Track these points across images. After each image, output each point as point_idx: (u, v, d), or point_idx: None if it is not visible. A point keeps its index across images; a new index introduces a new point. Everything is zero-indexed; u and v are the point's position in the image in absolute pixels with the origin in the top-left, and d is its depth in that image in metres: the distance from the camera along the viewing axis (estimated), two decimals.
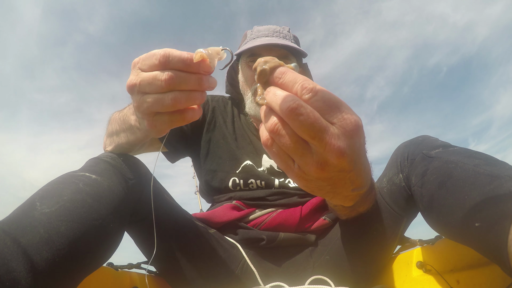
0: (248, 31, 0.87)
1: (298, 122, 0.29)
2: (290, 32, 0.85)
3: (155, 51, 0.38)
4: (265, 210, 0.74)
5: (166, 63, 0.37)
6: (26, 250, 0.35)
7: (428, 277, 0.61)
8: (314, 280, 0.66)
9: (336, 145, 0.29)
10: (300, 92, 0.30)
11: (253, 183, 0.77)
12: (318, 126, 0.29)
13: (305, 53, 0.81)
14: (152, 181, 0.61)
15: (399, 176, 0.62)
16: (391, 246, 0.68)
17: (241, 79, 0.85)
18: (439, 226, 0.52)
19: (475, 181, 0.44)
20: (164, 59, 0.37)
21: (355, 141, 0.30)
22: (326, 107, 0.29)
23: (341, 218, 0.67)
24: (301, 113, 0.28)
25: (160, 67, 0.37)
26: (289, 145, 0.30)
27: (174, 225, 0.67)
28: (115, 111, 0.63)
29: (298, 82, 0.30)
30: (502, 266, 0.39)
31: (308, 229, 0.73)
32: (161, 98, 0.38)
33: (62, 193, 0.44)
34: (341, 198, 0.40)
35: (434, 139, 0.61)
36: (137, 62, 0.40)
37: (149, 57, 0.38)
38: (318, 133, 0.29)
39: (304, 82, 0.30)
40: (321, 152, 0.30)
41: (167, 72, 0.37)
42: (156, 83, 0.37)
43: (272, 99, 0.31)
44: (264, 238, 0.69)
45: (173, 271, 0.68)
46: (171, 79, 0.37)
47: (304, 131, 0.29)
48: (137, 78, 0.39)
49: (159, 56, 0.37)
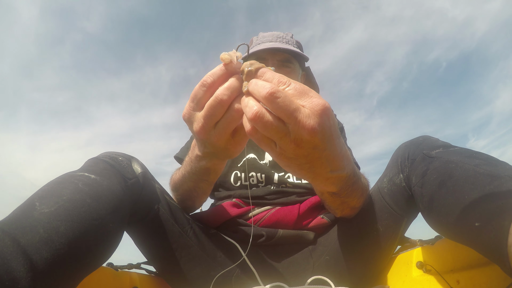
0: (254, 37, 0.94)
1: (275, 104, 0.35)
2: (293, 38, 0.90)
3: (196, 87, 0.43)
4: (263, 207, 0.75)
5: (212, 83, 0.42)
6: (25, 250, 0.35)
7: (428, 277, 0.61)
8: (314, 280, 0.66)
9: (307, 122, 0.36)
10: (276, 84, 0.37)
11: (254, 177, 0.78)
12: (292, 107, 0.35)
13: (306, 57, 0.84)
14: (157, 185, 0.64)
15: (399, 176, 0.62)
16: (391, 246, 0.68)
17: None
18: (439, 226, 0.52)
19: (475, 181, 0.44)
20: (207, 81, 0.42)
21: (324, 120, 0.37)
22: (298, 93, 0.37)
23: (336, 216, 0.68)
24: (278, 96, 0.35)
25: (210, 90, 0.42)
26: (269, 127, 0.36)
27: (174, 225, 0.67)
28: (175, 171, 0.74)
29: (275, 77, 0.38)
30: (502, 266, 0.39)
31: (306, 226, 0.73)
32: (230, 114, 0.42)
33: (62, 193, 0.44)
34: (322, 180, 0.45)
35: (434, 140, 0.62)
36: (188, 111, 0.45)
37: (196, 94, 0.43)
38: (293, 112, 0.35)
39: (280, 77, 0.38)
40: (296, 130, 0.36)
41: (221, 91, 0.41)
42: (221, 93, 0.41)
43: (254, 88, 0.38)
44: (264, 235, 0.70)
45: (173, 271, 0.68)
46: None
47: (281, 111, 0.35)
48: (202, 115, 0.43)
49: (202, 83, 0.42)
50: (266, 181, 0.78)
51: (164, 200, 0.68)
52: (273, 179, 0.78)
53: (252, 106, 0.37)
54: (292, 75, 0.85)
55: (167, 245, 0.66)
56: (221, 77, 0.42)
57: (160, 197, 0.67)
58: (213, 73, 0.42)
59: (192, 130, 0.47)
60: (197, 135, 0.47)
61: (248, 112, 0.37)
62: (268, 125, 0.36)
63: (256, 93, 0.37)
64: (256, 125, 0.37)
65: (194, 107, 0.44)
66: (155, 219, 0.65)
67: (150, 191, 0.66)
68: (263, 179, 0.78)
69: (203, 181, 0.64)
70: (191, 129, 0.47)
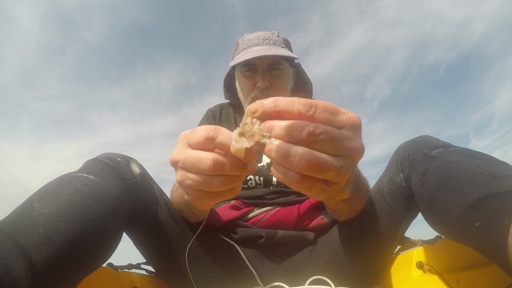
0: (240, 39, 0.91)
1: (320, 143, 0.28)
2: (280, 36, 0.88)
3: (206, 126, 0.34)
4: (263, 208, 0.74)
5: (212, 138, 0.33)
6: (25, 250, 0.35)
7: (428, 277, 0.61)
8: (314, 280, 0.66)
9: (356, 145, 0.30)
10: (303, 110, 0.28)
11: (252, 180, 0.78)
12: (338, 138, 0.29)
13: (295, 57, 0.83)
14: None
15: (399, 176, 0.62)
16: (391, 246, 0.68)
17: (238, 88, 0.89)
18: (439, 225, 0.52)
19: (476, 180, 0.44)
20: (213, 132, 0.33)
21: (361, 131, 0.31)
22: (331, 115, 0.29)
23: (340, 220, 0.67)
24: (319, 132, 0.28)
25: (206, 143, 0.34)
26: (325, 168, 0.29)
27: (173, 225, 0.67)
28: (172, 188, 0.69)
29: (294, 101, 0.29)
30: (502, 266, 0.39)
31: (306, 227, 0.73)
32: (208, 181, 0.35)
33: (61, 194, 0.44)
34: (339, 192, 0.40)
35: (434, 139, 0.62)
36: (184, 135, 0.37)
37: (198, 130, 0.35)
38: (340, 144, 0.29)
39: (300, 99, 0.29)
40: (349, 158, 0.30)
41: (213, 155, 0.33)
42: (200, 166, 0.34)
43: (279, 133, 0.28)
44: (263, 236, 0.69)
45: (172, 272, 0.68)
46: (216, 165, 0.33)
47: (329, 147, 0.29)
48: (181, 155, 0.36)
49: (208, 129, 0.33)
50: (265, 183, 0.78)
51: (162, 201, 0.68)
52: (272, 181, 0.78)
53: (302, 154, 0.28)
54: (283, 76, 0.84)
55: (166, 246, 0.66)
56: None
57: (158, 198, 0.67)
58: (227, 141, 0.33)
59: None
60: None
61: (299, 161, 0.28)
62: (324, 167, 0.28)
63: (287, 138, 0.28)
64: (311, 173, 0.29)
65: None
66: (154, 220, 0.65)
67: (149, 191, 0.66)
68: (261, 182, 0.78)
69: (195, 211, 0.63)
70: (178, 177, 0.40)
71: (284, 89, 0.84)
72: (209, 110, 0.98)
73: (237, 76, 0.89)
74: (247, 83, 0.83)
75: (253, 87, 0.83)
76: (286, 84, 0.85)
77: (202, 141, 0.34)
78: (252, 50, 0.82)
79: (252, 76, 0.83)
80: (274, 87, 0.82)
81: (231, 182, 0.35)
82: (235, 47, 0.94)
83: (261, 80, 0.81)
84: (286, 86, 0.85)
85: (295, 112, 0.29)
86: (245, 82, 0.84)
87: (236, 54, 0.89)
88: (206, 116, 0.96)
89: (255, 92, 0.82)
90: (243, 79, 0.85)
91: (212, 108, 0.99)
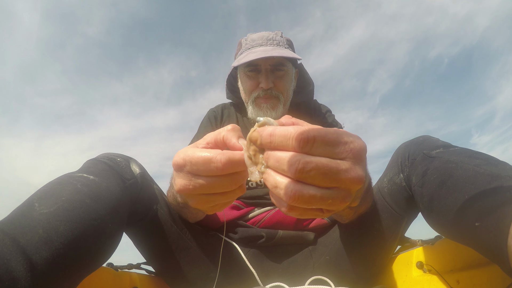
0: (243, 39, 0.91)
1: (311, 178, 0.27)
2: (283, 37, 0.88)
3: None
4: (263, 208, 0.74)
5: (230, 168, 0.33)
6: (25, 250, 0.35)
7: (428, 277, 0.61)
8: (314, 280, 0.66)
9: (354, 175, 0.28)
10: (298, 147, 0.28)
11: (252, 181, 0.77)
12: (333, 171, 0.27)
13: (298, 58, 0.83)
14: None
15: (399, 176, 0.62)
16: (391, 246, 0.68)
17: (241, 88, 0.90)
18: (439, 225, 0.52)
19: (476, 181, 0.44)
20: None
21: (364, 159, 0.30)
22: (331, 148, 0.28)
23: (343, 222, 0.67)
24: (310, 169, 0.27)
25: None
26: (313, 202, 0.28)
27: (173, 225, 0.67)
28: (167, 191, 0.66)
29: (289, 137, 0.28)
30: (502, 266, 0.39)
31: (306, 227, 0.73)
32: (217, 182, 0.34)
33: (61, 194, 0.44)
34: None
35: (435, 139, 0.62)
36: (183, 165, 0.35)
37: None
38: (336, 175, 0.28)
39: (297, 132, 0.28)
40: (344, 189, 0.29)
41: (223, 154, 0.33)
42: (210, 166, 0.33)
43: (273, 164, 0.29)
44: (264, 235, 0.69)
45: (172, 272, 0.68)
46: (229, 163, 0.33)
47: (322, 180, 0.28)
48: (185, 157, 0.35)
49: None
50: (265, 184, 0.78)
51: (162, 201, 0.68)
52: None
53: (287, 188, 0.28)
54: (286, 77, 0.84)
55: (166, 246, 0.66)
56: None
57: (158, 198, 0.67)
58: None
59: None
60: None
61: (284, 195, 0.28)
62: (311, 200, 0.28)
63: (281, 171, 0.29)
64: (298, 204, 0.29)
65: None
66: (154, 220, 0.65)
67: (149, 191, 0.66)
68: (262, 183, 0.78)
69: (193, 211, 0.63)
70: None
71: (287, 90, 0.84)
72: (210, 110, 0.98)
73: (240, 76, 0.89)
74: (250, 83, 0.84)
75: (256, 87, 0.83)
76: (289, 84, 0.85)
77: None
78: (256, 50, 0.82)
79: (255, 77, 0.83)
80: (277, 87, 0.83)
81: (240, 179, 0.35)
82: (237, 47, 0.94)
83: (264, 80, 0.81)
84: (289, 86, 0.86)
85: (289, 148, 0.28)
86: (248, 82, 0.84)
87: (239, 54, 0.89)
88: (208, 116, 0.95)
89: (258, 92, 0.82)
90: (246, 79, 0.85)
91: (213, 108, 0.99)
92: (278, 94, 0.82)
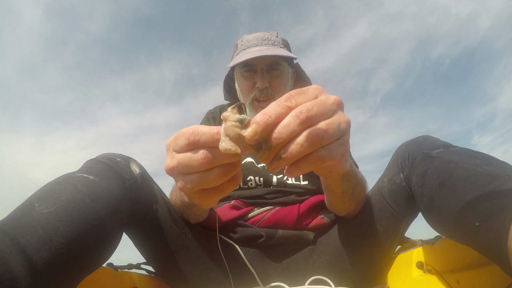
0: (238, 40, 0.92)
1: (312, 118, 0.30)
2: (279, 37, 0.89)
3: (184, 130, 0.34)
4: (263, 208, 0.74)
5: (195, 142, 0.33)
6: (25, 250, 0.35)
7: (428, 277, 0.61)
8: (314, 280, 0.66)
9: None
10: (287, 104, 0.31)
11: (252, 181, 0.78)
12: (326, 110, 0.31)
13: (294, 57, 0.83)
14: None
15: (399, 176, 0.62)
16: (391, 246, 0.68)
17: (238, 89, 0.90)
18: (439, 225, 0.52)
19: (476, 180, 0.44)
20: (193, 137, 0.33)
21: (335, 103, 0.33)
22: (307, 97, 0.32)
23: (341, 215, 0.67)
24: (309, 111, 0.30)
25: (191, 146, 0.34)
26: (328, 137, 0.31)
27: (173, 225, 0.67)
28: (172, 190, 0.70)
29: (274, 104, 0.31)
30: (502, 266, 0.39)
31: (306, 227, 0.73)
32: (205, 177, 0.34)
33: (60, 194, 0.44)
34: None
35: (435, 139, 0.62)
36: (169, 144, 0.37)
37: (179, 137, 0.34)
38: (329, 112, 0.32)
39: (278, 101, 0.31)
40: (341, 125, 0.32)
41: (202, 151, 0.33)
42: (193, 164, 0.33)
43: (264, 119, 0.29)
44: (263, 235, 0.69)
45: (172, 272, 0.68)
46: (207, 159, 0.33)
47: (320, 119, 0.31)
48: (173, 161, 0.35)
49: (188, 135, 0.33)
50: (265, 184, 0.78)
51: (162, 201, 0.68)
52: (272, 182, 0.78)
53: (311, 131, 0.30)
54: (282, 76, 0.84)
55: (166, 246, 0.66)
56: (212, 144, 0.34)
57: (158, 198, 0.67)
58: (209, 135, 0.33)
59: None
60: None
61: (309, 137, 0.30)
62: (327, 136, 0.30)
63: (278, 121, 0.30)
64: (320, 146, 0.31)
65: None
66: (154, 220, 0.65)
67: (149, 191, 0.66)
68: (261, 182, 0.78)
69: (196, 211, 0.63)
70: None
71: (283, 89, 0.84)
72: (209, 111, 0.99)
73: (237, 77, 0.89)
74: (247, 83, 0.84)
75: (252, 87, 0.83)
76: (285, 84, 0.85)
77: (185, 147, 0.34)
78: (251, 50, 0.83)
79: (251, 77, 0.83)
80: (273, 87, 0.82)
81: (228, 172, 0.34)
82: (234, 48, 0.94)
83: (260, 80, 0.81)
84: (285, 86, 0.85)
85: (281, 106, 0.31)
86: (245, 82, 0.84)
87: (235, 55, 0.89)
88: (206, 117, 0.96)
89: (255, 93, 0.82)
90: (243, 79, 0.85)
91: (212, 109, 0.99)
92: (274, 94, 0.82)
